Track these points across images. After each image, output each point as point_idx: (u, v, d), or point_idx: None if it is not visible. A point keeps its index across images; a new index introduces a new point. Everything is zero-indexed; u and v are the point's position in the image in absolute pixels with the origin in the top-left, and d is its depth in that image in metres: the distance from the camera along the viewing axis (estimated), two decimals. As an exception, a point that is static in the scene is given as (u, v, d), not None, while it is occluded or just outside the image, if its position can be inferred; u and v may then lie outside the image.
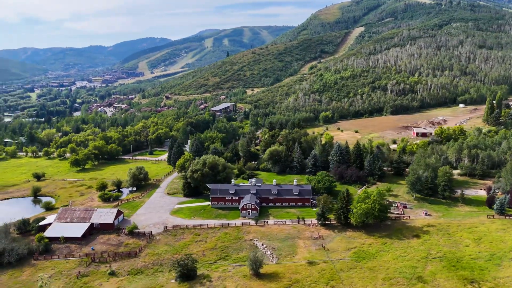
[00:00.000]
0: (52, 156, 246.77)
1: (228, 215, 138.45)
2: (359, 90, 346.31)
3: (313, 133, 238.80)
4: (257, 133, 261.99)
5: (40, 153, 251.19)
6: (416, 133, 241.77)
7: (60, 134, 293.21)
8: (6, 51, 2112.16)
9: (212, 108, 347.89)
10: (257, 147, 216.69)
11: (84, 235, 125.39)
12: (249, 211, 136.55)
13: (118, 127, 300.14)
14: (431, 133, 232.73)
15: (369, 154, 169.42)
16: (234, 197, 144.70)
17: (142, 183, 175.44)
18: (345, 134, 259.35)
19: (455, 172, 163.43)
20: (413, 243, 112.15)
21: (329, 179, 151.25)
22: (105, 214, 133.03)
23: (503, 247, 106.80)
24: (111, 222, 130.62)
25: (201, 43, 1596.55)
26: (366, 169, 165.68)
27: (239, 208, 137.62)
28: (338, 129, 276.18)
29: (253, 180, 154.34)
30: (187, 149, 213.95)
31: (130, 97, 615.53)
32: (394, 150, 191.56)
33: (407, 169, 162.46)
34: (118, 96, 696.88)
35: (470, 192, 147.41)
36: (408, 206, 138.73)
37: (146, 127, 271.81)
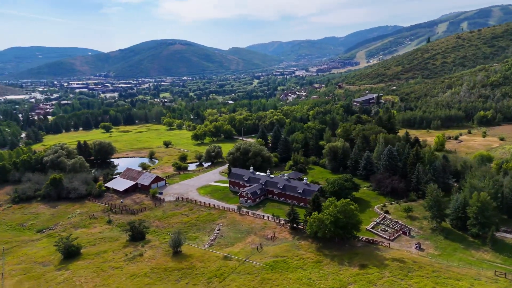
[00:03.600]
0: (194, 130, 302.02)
1: (232, 199, 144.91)
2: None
3: (443, 135, 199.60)
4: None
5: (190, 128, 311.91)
6: None
7: (218, 114, 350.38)
8: (259, 45, 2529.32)
9: (355, 100, 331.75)
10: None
11: (126, 190, 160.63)
12: (245, 199, 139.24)
13: (258, 112, 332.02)
14: None
15: (425, 164, 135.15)
16: (246, 184, 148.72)
17: (214, 160, 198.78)
18: (483, 141, 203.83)
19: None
20: (346, 273, 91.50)
21: (344, 184, 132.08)
22: (146, 178, 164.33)
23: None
24: (147, 184, 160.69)
25: (432, 28, 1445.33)
26: (413, 181, 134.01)
27: (238, 194, 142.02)
28: (484, 133, 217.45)
29: (268, 171, 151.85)
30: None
31: (315, 86, 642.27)
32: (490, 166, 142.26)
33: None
34: (316, 85, 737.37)
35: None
36: (410, 233, 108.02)
37: (267, 114, 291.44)
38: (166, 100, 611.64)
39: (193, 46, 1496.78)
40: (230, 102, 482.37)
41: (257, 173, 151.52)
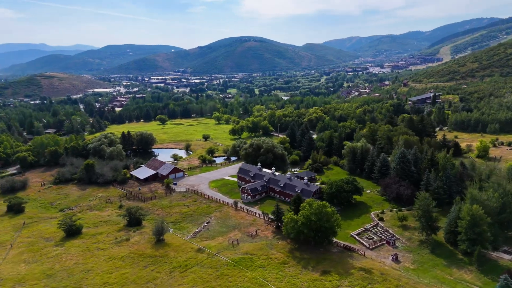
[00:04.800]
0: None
1: (236, 194, 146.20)
2: None
3: (496, 140, 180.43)
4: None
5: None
6: None
7: (266, 110, 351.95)
8: (335, 40, 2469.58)
9: (410, 98, 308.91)
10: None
11: (146, 179, 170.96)
12: (245, 195, 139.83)
13: (307, 108, 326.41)
14: None
15: (438, 170, 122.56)
16: (252, 180, 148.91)
17: (240, 155, 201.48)
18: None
19: None
20: (304, 278, 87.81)
21: (343, 186, 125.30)
22: (166, 169, 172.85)
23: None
24: (165, 174, 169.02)
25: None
26: (421, 188, 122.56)
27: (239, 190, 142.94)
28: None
29: (273, 169, 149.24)
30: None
31: (385, 83, 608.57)
32: None
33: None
34: (386, 82, 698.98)
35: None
36: (395, 243, 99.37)
37: (308, 111, 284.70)
38: (230, 95, 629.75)
39: (266, 43, 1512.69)
40: (285, 98, 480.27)
41: (264, 170, 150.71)
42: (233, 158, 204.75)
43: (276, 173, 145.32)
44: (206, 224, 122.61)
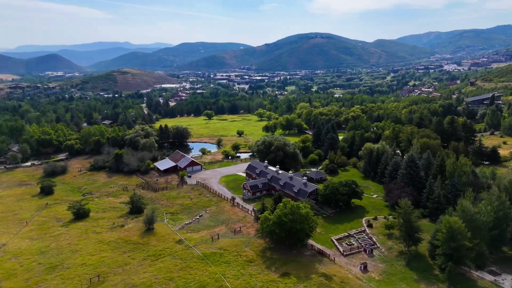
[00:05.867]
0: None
1: (240, 190, 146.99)
2: None
3: None
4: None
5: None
6: None
7: (311, 107, 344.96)
8: (411, 36, 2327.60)
9: (467, 99, 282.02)
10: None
11: (166, 170, 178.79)
12: (246, 191, 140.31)
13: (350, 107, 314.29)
14: None
15: (445, 177, 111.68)
16: (257, 177, 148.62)
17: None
18: None
19: None
20: (262, 277, 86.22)
21: (339, 188, 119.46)
22: (184, 161, 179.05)
23: None
24: (183, 167, 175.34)
25: None
26: (423, 196, 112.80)
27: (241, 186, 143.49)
28: None
29: (277, 167, 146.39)
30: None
31: (457, 82, 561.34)
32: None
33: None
34: (458, 81, 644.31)
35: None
36: (372, 252, 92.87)
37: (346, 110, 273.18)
38: (284, 93, 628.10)
39: (333, 39, 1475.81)
40: (337, 95, 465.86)
41: (269, 167, 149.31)
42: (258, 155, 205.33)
43: (280, 172, 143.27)
44: (198, 217, 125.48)
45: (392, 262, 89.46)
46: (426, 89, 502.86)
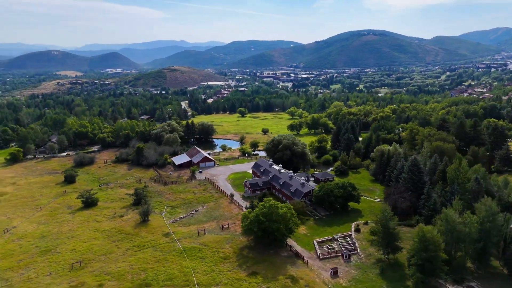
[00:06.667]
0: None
1: (243, 188, 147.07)
2: None
3: None
4: None
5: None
6: None
7: (344, 106, 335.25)
8: (476, 32, 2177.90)
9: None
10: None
11: (180, 165, 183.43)
12: (247, 189, 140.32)
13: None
14: None
15: (445, 184, 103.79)
16: (261, 175, 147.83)
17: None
18: None
19: None
20: (230, 275, 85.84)
21: (333, 190, 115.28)
22: (198, 157, 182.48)
23: None
24: (196, 162, 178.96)
25: None
26: (420, 202, 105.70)
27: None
28: None
29: (280, 166, 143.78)
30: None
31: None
32: None
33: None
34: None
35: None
36: (349, 257, 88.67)
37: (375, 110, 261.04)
38: (328, 91, 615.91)
39: (387, 36, 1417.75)
40: (380, 95, 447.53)
41: (273, 166, 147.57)
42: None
43: (282, 171, 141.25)
44: (193, 212, 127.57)
45: (366, 269, 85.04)
46: (479, 90, 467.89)
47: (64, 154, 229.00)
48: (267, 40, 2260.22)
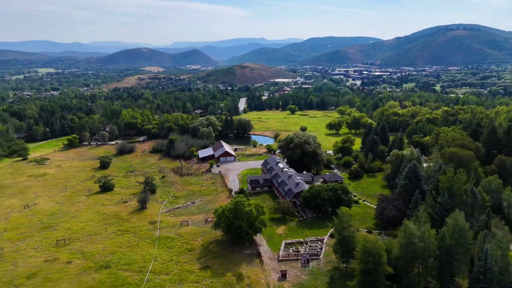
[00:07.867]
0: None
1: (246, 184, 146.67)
2: None
3: None
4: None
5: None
6: None
7: (398, 107, 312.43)
8: None
9: None
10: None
11: (203, 158, 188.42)
12: (249, 185, 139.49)
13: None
14: None
15: (439, 193, 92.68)
16: (267, 173, 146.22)
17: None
18: None
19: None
20: (183, 267, 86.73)
21: (321, 192, 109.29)
22: (220, 151, 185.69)
23: None
24: (217, 156, 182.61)
25: None
26: (408, 211, 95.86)
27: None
28: None
29: (284, 164, 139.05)
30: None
31: None
32: None
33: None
34: None
35: None
36: (308, 262, 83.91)
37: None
38: (398, 90, 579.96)
39: (479, 31, 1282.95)
40: (453, 95, 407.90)
41: (278, 164, 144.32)
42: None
43: (285, 169, 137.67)
44: (189, 204, 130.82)
45: (318, 276, 79.94)
46: None
47: (113, 142, 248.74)
48: (345, 36, 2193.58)
